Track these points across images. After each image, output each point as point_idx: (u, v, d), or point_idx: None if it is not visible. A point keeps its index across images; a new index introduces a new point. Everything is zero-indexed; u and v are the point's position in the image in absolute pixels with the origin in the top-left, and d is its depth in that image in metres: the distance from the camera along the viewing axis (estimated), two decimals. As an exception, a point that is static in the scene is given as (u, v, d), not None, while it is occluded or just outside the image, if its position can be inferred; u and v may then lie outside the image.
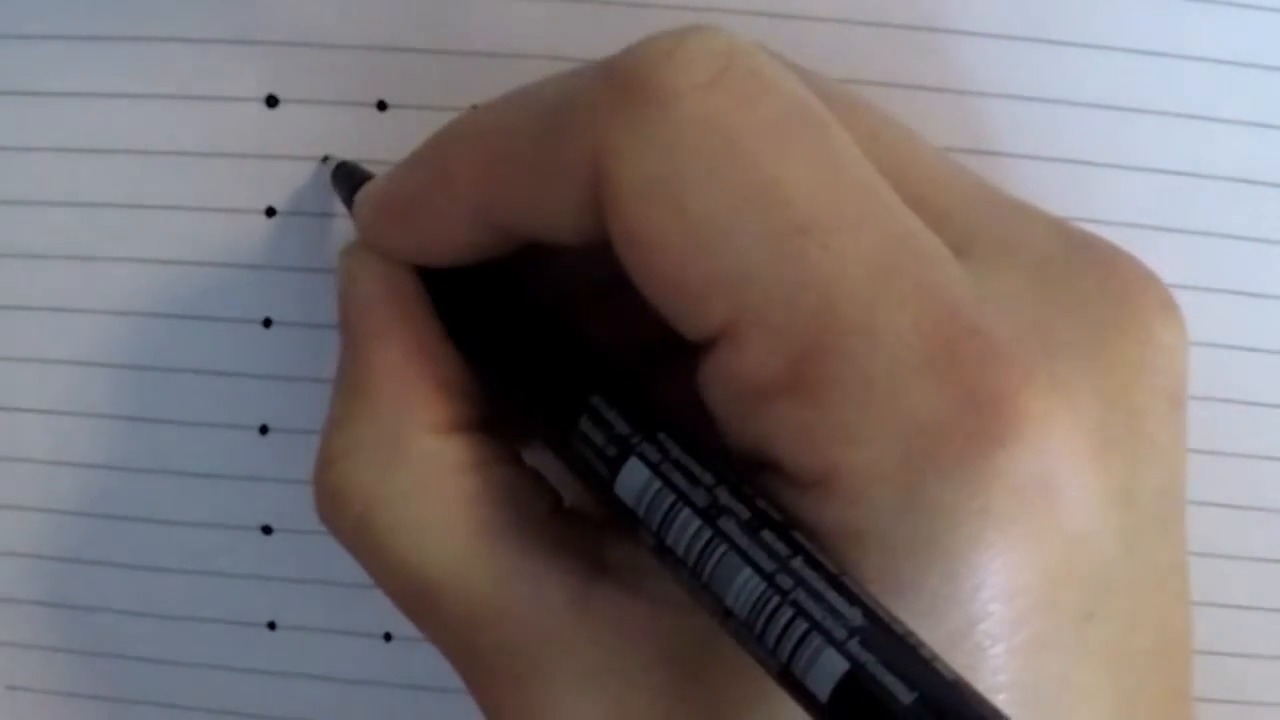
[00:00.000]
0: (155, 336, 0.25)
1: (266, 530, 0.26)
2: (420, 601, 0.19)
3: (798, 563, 0.15)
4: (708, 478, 0.16)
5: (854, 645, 0.14)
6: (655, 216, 0.16)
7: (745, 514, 0.16)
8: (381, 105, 0.24)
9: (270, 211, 0.25)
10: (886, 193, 0.17)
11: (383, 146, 0.25)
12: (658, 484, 0.17)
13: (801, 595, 0.15)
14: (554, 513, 0.20)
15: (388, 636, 0.27)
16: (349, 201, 0.22)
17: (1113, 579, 0.16)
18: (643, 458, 0.17)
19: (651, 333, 0.18)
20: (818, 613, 0.15)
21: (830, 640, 0.15)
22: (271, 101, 0.24)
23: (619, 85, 0.17)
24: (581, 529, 0.20)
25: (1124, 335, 0.17)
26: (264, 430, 0.26)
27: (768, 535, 0.16)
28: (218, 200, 0.25)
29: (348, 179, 0.23)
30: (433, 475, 0.19)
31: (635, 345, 0.20)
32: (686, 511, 0.16)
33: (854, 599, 0.15)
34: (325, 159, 0.24)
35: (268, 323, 0.25)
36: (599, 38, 0.24)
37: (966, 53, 0.24)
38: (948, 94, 0.24)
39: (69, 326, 0.26)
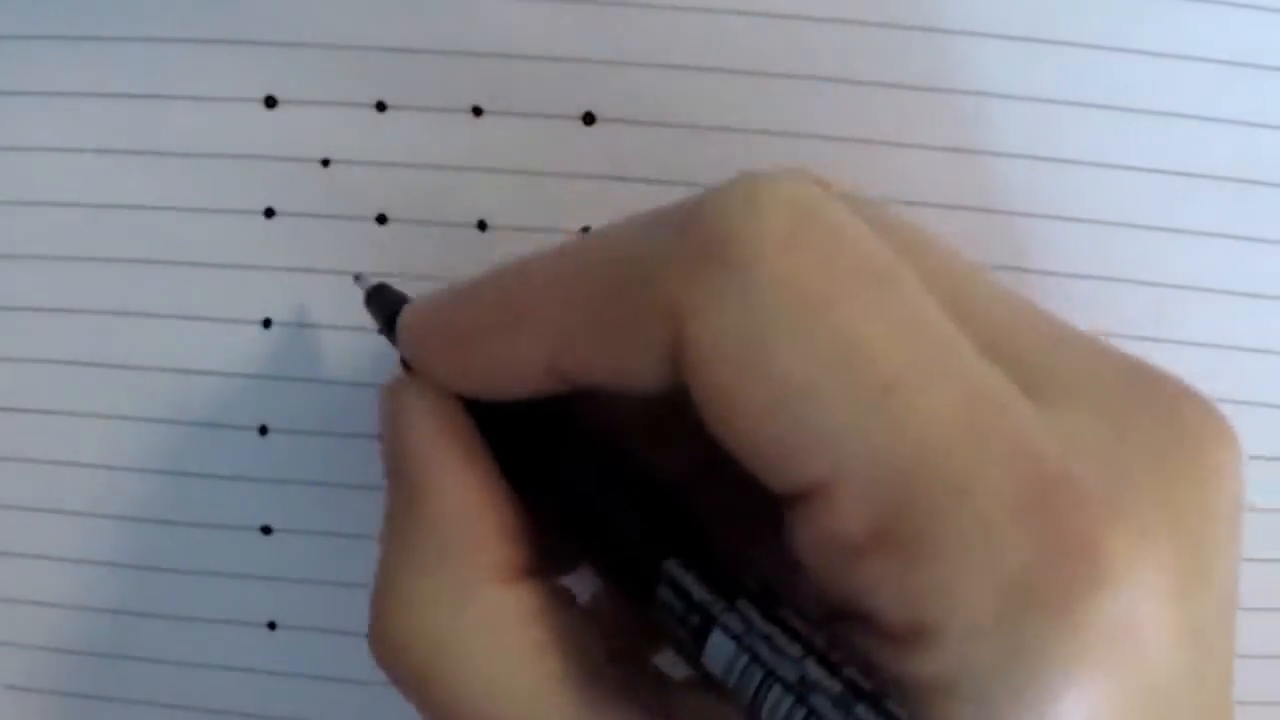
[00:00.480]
0: (154, 337, 0.25)
1: (266, 530, 0.26)
2: None
3: None
4: (794, 649, 0.16)
5: None
6: (739, 378, 0.16)
7: (836, 689, 0.16)
8: (380, 106, 0.24)
9: (269, 212, 0.25)
10: (963, 343, 0.17)
11: (382, 147, 0.25)
12: (745, 657, 0.17)
13: None
14: (614, 658, 0.20)
15: (387, 636, 0.27)
16: (387, 326, 0.22)
17: (1178, 715, 0.17)
18: (726, 630, 0.17)
19: (709, 464, 0.18)
20: None
21: None
22: (270, 102, 0.24)
23: (696, 243, 0.17)
24: (641, 675, 0.20)
25: (1193, 472, 0.17)
26: (264, 430, 0.26)
27: (861, 710, 0.16)
28: (217, 201, 0.25)
29: (384, 302, 0.22)
30: (500, 625, 0.19)
31: (692, 475, 0.20)
32: (778, 688, 0.16)
33: None
34: (358, 278, 0.24)
35: (267, 323, 0.25)
36: (599, 38, 0.24)
37: (966, 53, 0.24)
38: (950, 94, 0.24)
39: (68, 327, 0.26)
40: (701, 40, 0.24)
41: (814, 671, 0.16)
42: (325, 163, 0.25)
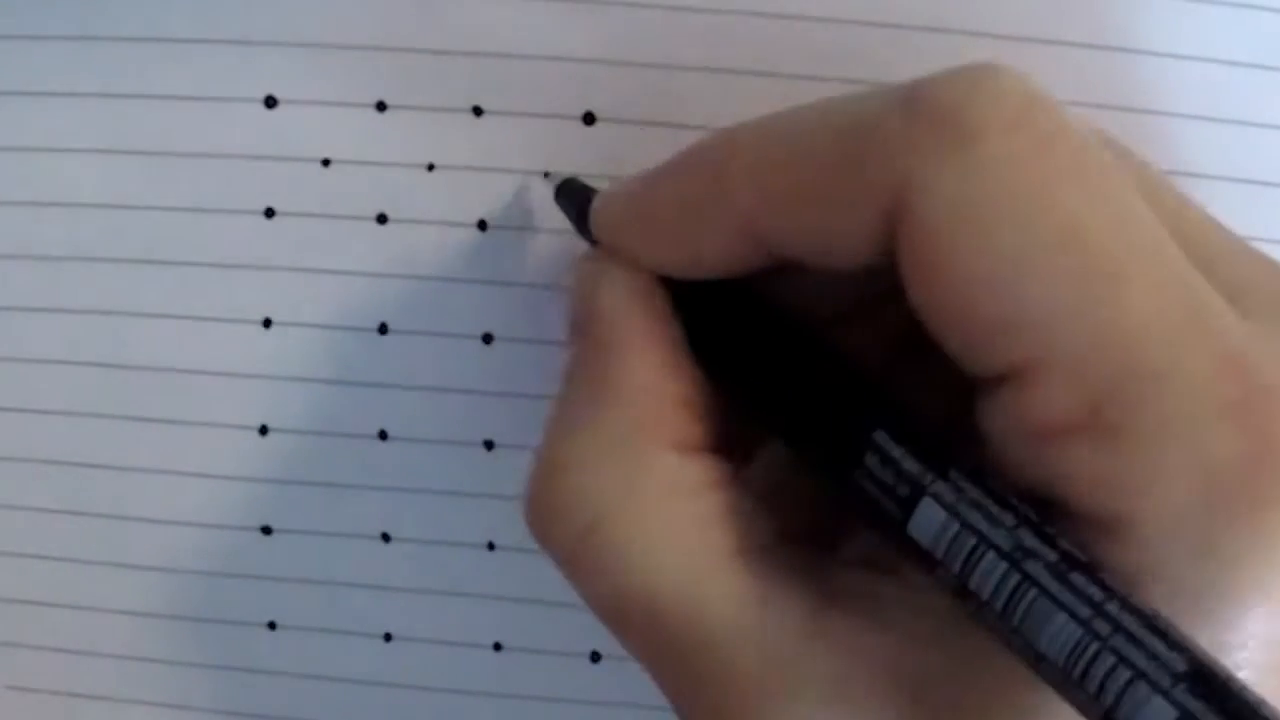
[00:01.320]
0: (155, 336, 0.25)
1: (266, 530, 0.26)
2: (642, 619, 0.19)
3: (1113, 607, 0.15)
4: (1008, 518, 0.16)
5: (1180, 693, 0.14)
6: (960, 252, 0.16)
7: (1053, 556, 0.16)
8: (380, 106, 0.24)
9: (269, 212, 0.25)
10: (1171, 244, 0.17)
11: (382, 148, 0.25)
12: (956, 526, 0.16)
13: (1120, 641, 0.15)
14: (781, 537, 0.20)
15: (388, 637, 0.27)
16: (578, 216, 0.22)
17: None
18: (938, 498, 0.17)
19: (905, 351, 0.18)
20: (1140, 660, 0.15)
21: (1156, 688, 0.14)
22: (270, 102, 0.24)
23: (925, 118, 0.17)
24: (808, 555, 0.20)
25: None
26: (264, 430, 0.26)
27: (1078, 578, 0.16)
28: (217, 201, 0.25)
29: (574, 195, 0.22)
30: (671, 494, 0.19)
31: (889, 363, 0.20)
32: (991, 555, 0.16)
33: (1176, 645, 0.15)
34: (547, 175, 0.24)
35: (267, 323, 0.25)
36: (599, 38, 0.24)
37: (967, 53, 0.24)
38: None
39: (67, 327, 0.26)
40: (701, 40, 0.24)
41: (1029, 540, 0.16)
42: (325, 163, 0.25)
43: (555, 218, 0.24)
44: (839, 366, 0.19)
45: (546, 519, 0.19)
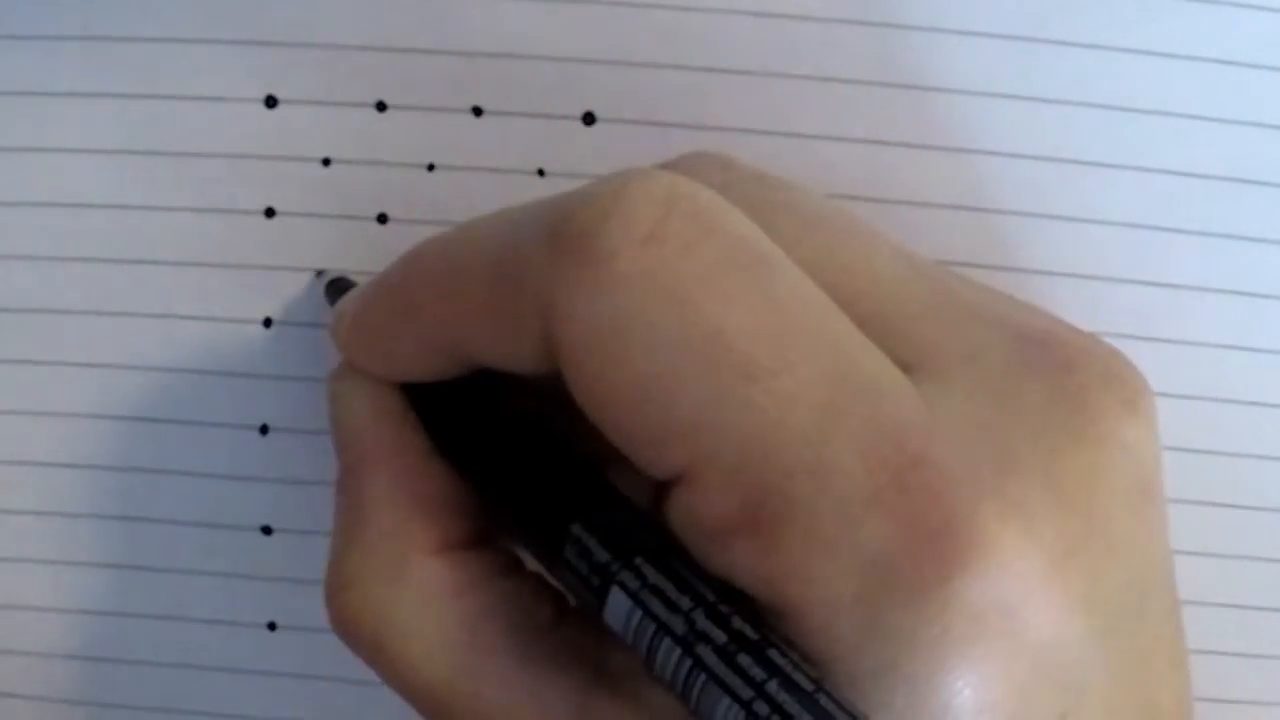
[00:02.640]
0: (154, 337, 0.25)
1: (266, 530, 0.26)
2: (437, 713, 0.20)
3: (773, 686, 0.16)
4: (685, 602, 0.17)
5: None
6: (604, 372, 0.17)
7: (722, 639, 0.16)
8: (381, 106, 0.24)
9: (270, 212, 0.25)
10: (833, 324, 0.17)
11: (382, 148, 0.25)
12: (639, 613, 0.17)
13: None
14: (558, 618, 0.20)
15: (387, 637, 0.27)
16: None
17: (1086, 678, 0.17)
18: (623, 586, 0.17)
19: None
20: None
21: None
22: (270, 102, 0.24)
23: (560, 245, 0.17)
24: (584, 632, 0.20)
25: (1080, 440, 0.17)
26: (264, 430, 0.26)
27: (743, 660, 0.16)
28: (216, 201, 0.25)
29: (339, 294, 0.23)
30: (434, 597, 0.20)
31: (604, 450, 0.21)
32: (667, 640, 0.17)
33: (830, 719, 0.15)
34: (320, 274, 0.25)
35: (268, 322, 0.25)
36: (599, 38, 0.24)
37: (966, 53, 0.24)
38: (949, 94, 0.24)
39: (67, 327, 0.26)
40: (701, 40, 0.24)
41: (701, 622, 0.16)
42: (325, 162, 0.25)
43: None
44: (556, 457, 0.20)
45: (341, 633, 0.21)
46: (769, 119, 0.24)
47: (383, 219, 0.25)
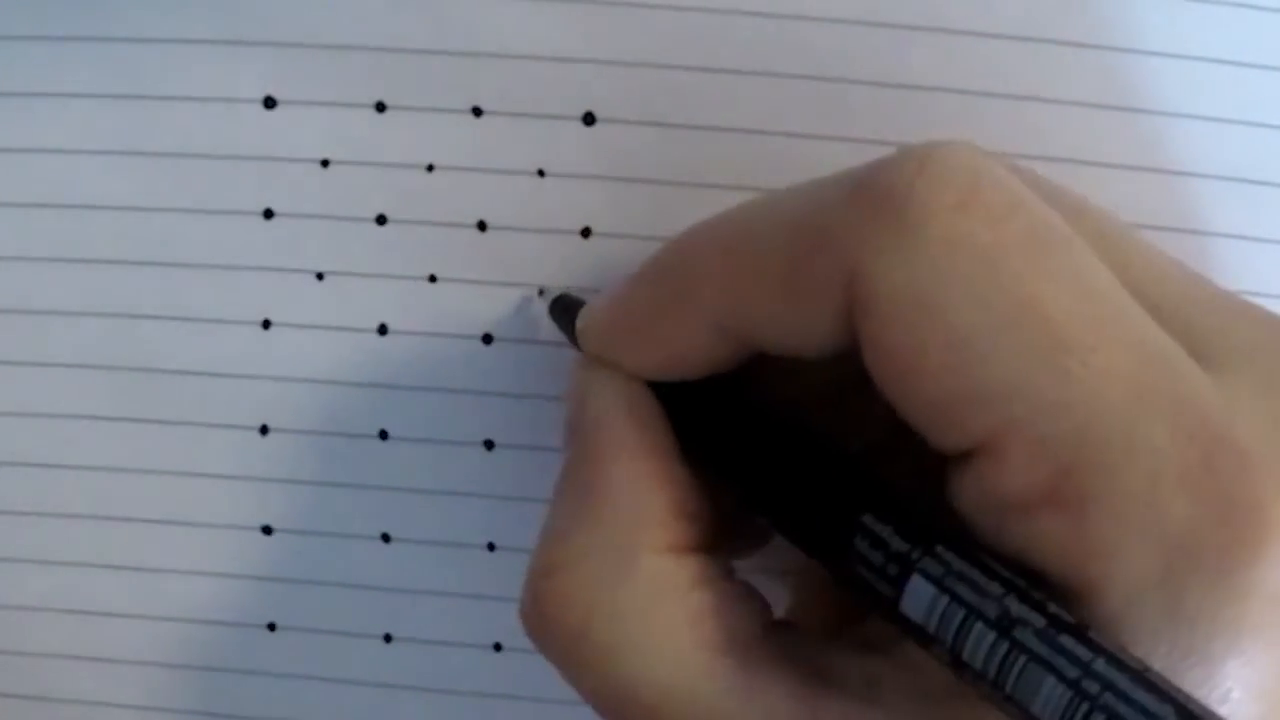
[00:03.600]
0: (155, 337, 0.25)
1: (266, 530, 0.26)
2: (637, 716, 0.19)
3: (1101, 665, 0.15)
4: (995, 588, 0.17)
5: None
6: (916, 335, 0.17)
7: (1040, 621, 0.16)
8: (380, 106, 0.24)
9: (269, 213, 0.25)
10: (1133, 306, 0.17)
11: (381, 148, 0.25)
12: (945, 599, 0.17)
13: (1110, 699, 0.15)
14: (769, 627, 0.20)
15: (388, 638, 0.27)
16: (569, 329, 0.22)
17: None
18: (925, 574, 0.17)
19: (884, 433, 0.19)
20: (1130, 715, 0.15)
21: None
22: (270, 102, 0.24)
23: (872, 204, 0.17)
24: (799, 641, 0.20)
25: None
26: (264, 430, 0.26)
27: (1066, 640, 0.16)
28: (217, 201, 0.25)
29: (566, 309, 0.23)
30: (659, 593, 0.19)
31: (870, 445, 0.21)
32: (980, 625, 0.16)
33: (1164, 696, 0.15)
34: (541, 292, 0.25)
35: (267, 323, 0.25)
36: (599, 38, 0.24)
37: (966, 53, 0.24)
38: (948, 94, 0.24)
39: (68, 328, 0.26)
40: (701, 40, 0.24)
41: (1016, 608, 0.16)
42: (325, 163, 0.25)
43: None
44: (823, 452, 0.20)
45: (540, 622, 0.20)
46: (769, 119, 0.24)
47: (382, 220, 0.25)
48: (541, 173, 0.25)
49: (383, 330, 0.25)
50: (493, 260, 0.25)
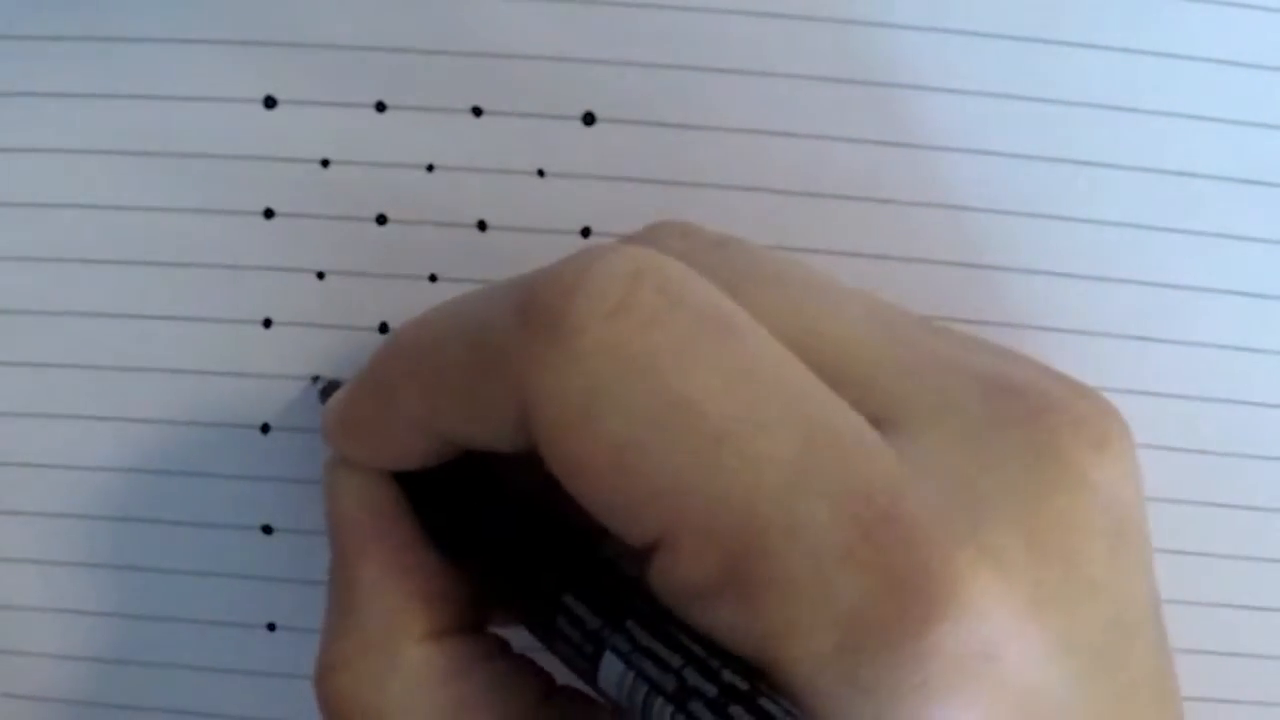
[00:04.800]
0: (154, 338, 0.25)
1: (266, 530, 0.26)
2: None
3: None
4: (675, 660, 0.17)
5: None
6: (578, 445, 0.17)
7: (712, 691, 0.17)
8: (380, 106, 0.24)
9: (269, 213, 0.25)
10: (802, 384, 0.18)
11: (381, 148, 0.25)
12: (631, 674, 0.17)
13: None
14: (548, 695, 0.21)
15: (387, 637, 0.27)
16: None
17: (1068, 718, 0.17)
18: (615, 650, 0.18)
19: None
20: None
21: None
22: (270, 102, 0.24)
23: (533, 320, 0.18)
24: (571, 710, 0.21)
25: (1053, 486, 0.18)
26: (265, 429, 0.26)
27: (735, 710, 0.16)
28: (217, 201, 0.25)
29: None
30: (423, 684, 0.20)
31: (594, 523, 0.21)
32: (659, 700, 0.17)
33: None
34: (315, 379, 0.25)
35: (267, 323, 0.25)
36: (599, 38, 0.24)
37: (966, 53, 0.24)
38: (947, 94, 0.24)
39: (67, 328, 0.25)
40: (701, 40, 0.24)
41: (693, 678, 0.17)
42: (325, 163, 0.25)
43: None
44: (544, 531, 0.20)
45: (330, 715, 0.21)
46: (769, 119, 0.24)
47: (382, 220, 0.25)
48: (541, 173, 0.25)
49: (383, 330, 0.25)
50: (493, 260, 0.25)
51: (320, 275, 0.25)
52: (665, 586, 0.18)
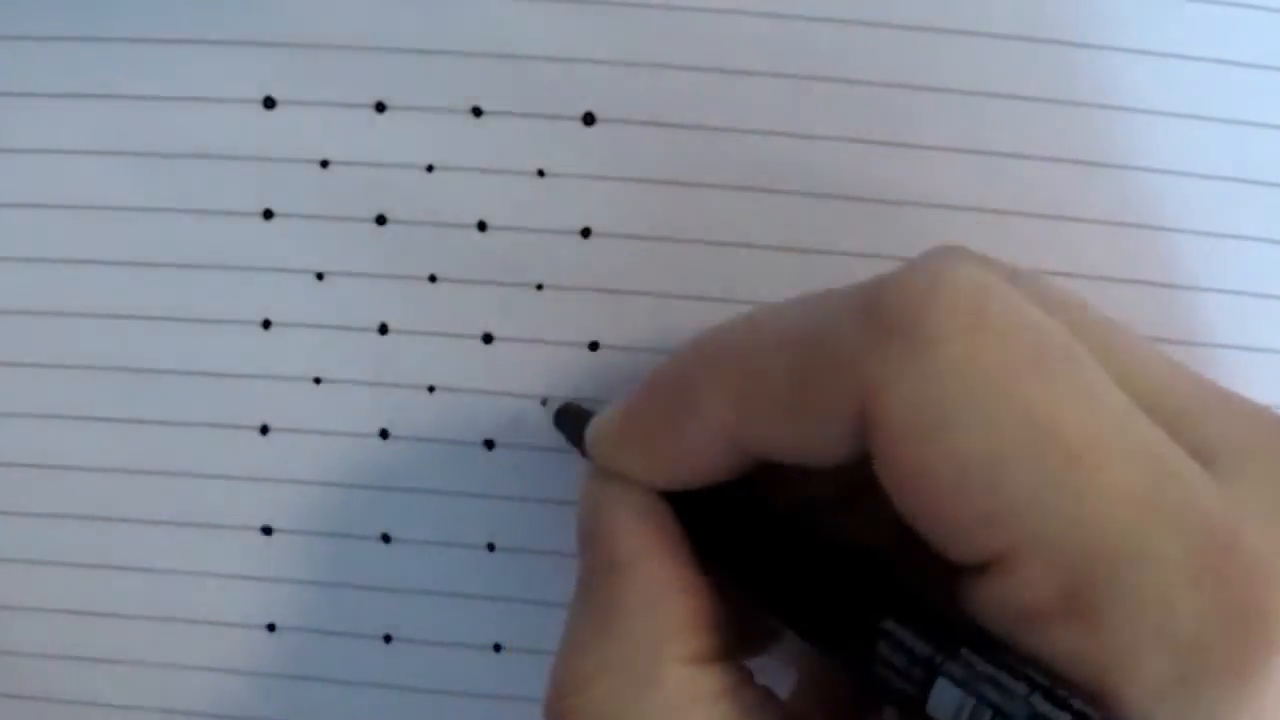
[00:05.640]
0: (154, 338, 0.25)
1: (266, 530, 0.26)
2: None
3: None
4: (1020, 687, 0.17)
5: None
6: (928, 456, 0.17)
7: (1065, 719, 0.16)
8: (380, 106, 0.24)
9: (268, 214, 0.25)
10: (1138, 415, 0.18)
11: (381, 149, 0.25)
12: (972, 701, 0.17)
13: None
14: None
15: (387, 638, 0.27)
16: (575, 438, 0.23)
17: None
18: (951, 677, 0.17)
19: (894, 534, 0.19)
20: None
21: None
22: (269, 103, 0.24)
23: (884, 324, 0.18)
24: None
25: None
26: (264, 430, 0.26)
27: None
28: (216, 201, 0.25)
29: (572, 419, 0.23)
30: (684, 706, 0.20)
31: (881, 546, 0.21)
32: None
33: None
34: (544, 401, 0.25)
35: (267, 324, 0.25)
36: (599, 38, 0.24)
37: (965, 53, 0.24)
38: (948, 93, 0.24)
39: (67, 329, 0.25)
40: (702, 40, 0.24)
41: (1042, 706, 0.17)
42: (324, 163, 0.25)
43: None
44: (841, 556, 0.20)
45: None
46: (769, 119, 0.24)
47: (381, 220, 0.25)
48: (541, 173, 0.25)
49: (383, 330, 0.25)
50: (493, 260, 0.25)
51: (320, 275, 0.25)
52: (997, 608, 0.17)
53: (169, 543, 0.26)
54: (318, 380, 0.25)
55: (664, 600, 0.20)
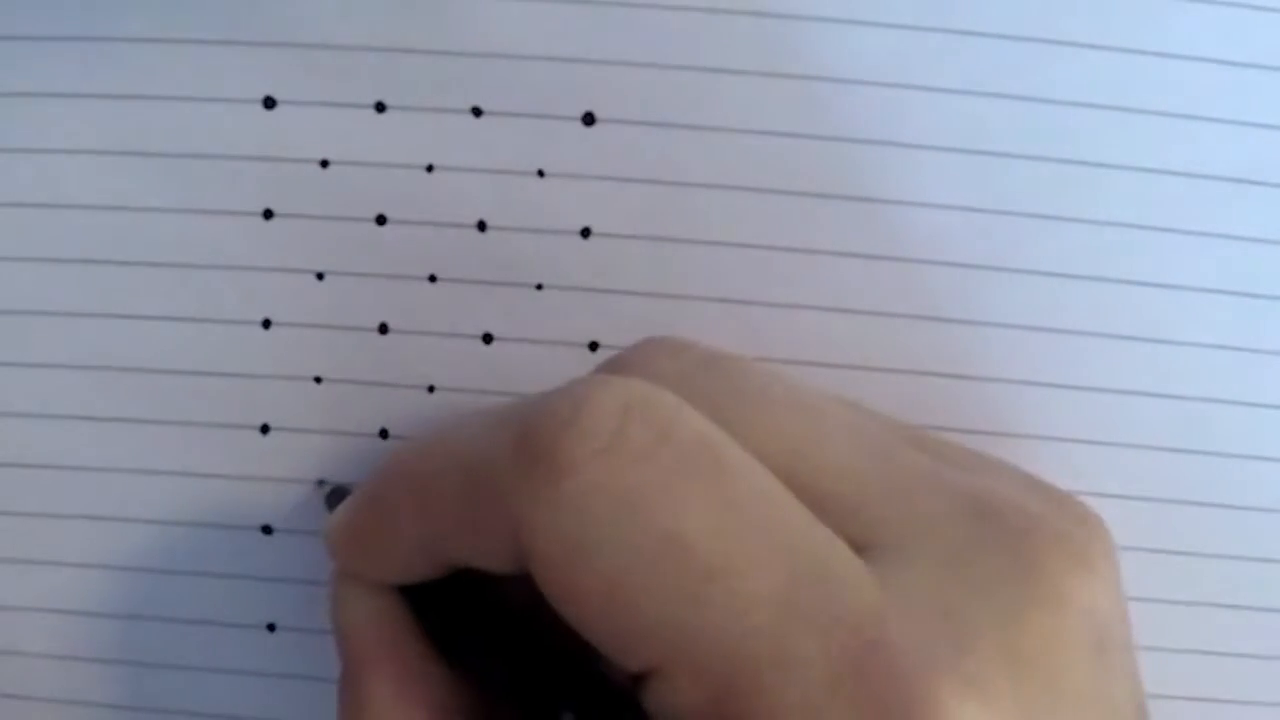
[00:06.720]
0: (153, 338, 0.25)
1: (266, 530, 0.26)
2: None
3: None
4: None
5: None
6: (572, 579, 0.18)
7: None
8: (380, 106, 0.24)
9: (268, 214, 0.25)
10: (788, 516, 0.18)
11: (381, 149, 0.25)
12: None
13: None
14: None
15: (387, 637, 0.27)
16: None
17: None
18: None
19: None
20: None
21: None
22: (269, 103, 0.24)
23: (527, 454, 0.18)
24: None
25: (1035, 605, 0.18)
26: (265, 430, 0.26)
27: None
28: (216, 201, 0.25)
29: (338, 503, 0.24)
30: None
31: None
32: None
33: None
34: (320, 483, 0.26)
35: (267, 323, 0.25)
36: (599, 38, 0.24)
37: (965, 52, 0.24)
38: (948, 93, 0.24)
39: (67, 328, 0.25)
40: (701, 40, 0.24)
41: None
42: (324, 163, 0.25)
43: None
44: (545, 648, 0.21)
45: None
46: (769, 119, 0.24)
47: (381, 220, 0.25)
48: (541, 173, 0.25)
49: (383, 330, 0.25)
50: (493, 260, 0.25)
51: (320, 276, 0.25)
52: (659, 710, 0.18)
53: (169, 542, 0.26)
54: (318, 380, 0.25)
55: (401, 693, 0.21)
